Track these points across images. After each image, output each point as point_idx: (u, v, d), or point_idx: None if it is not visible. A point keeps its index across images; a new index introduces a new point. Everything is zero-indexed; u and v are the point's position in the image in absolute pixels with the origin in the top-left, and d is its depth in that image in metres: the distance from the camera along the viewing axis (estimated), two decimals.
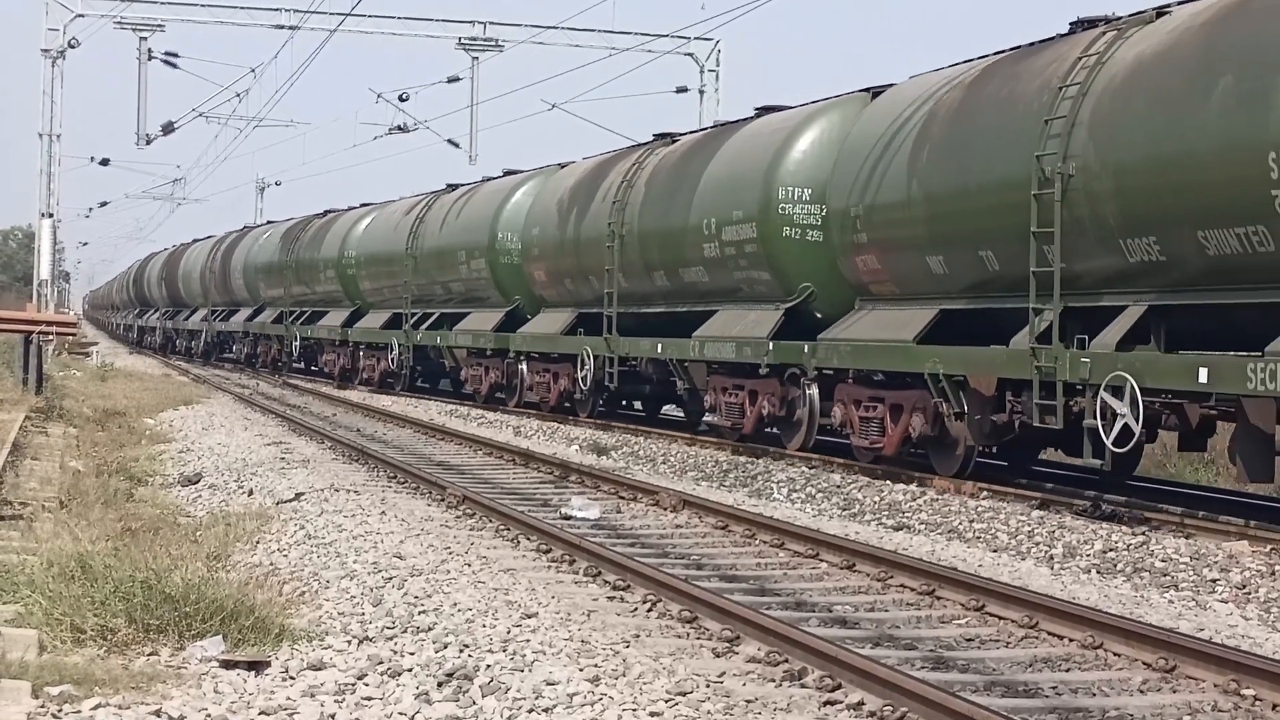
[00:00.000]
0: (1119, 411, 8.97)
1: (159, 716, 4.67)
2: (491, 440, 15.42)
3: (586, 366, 16.84)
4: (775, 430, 13.58)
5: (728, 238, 13.98)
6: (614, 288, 16.40)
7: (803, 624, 6.30)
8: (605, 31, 29.61)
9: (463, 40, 30.50)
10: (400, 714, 4.83)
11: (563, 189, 18.50)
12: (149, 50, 30.65)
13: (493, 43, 30.51)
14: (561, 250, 17.98)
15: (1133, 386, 8.86)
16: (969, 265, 10.76)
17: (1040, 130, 9.73)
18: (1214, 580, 7.67)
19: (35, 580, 6.06)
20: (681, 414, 16.75)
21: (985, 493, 10.70)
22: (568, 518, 9.69)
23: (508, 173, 21.86)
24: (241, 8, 30.13)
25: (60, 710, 4.64)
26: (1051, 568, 8.19)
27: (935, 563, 7.84)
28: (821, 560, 8.15)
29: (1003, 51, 11.31)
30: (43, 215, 32.47)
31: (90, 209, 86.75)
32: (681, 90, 30.91)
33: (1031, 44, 10.95)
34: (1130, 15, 9.92)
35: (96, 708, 4.67)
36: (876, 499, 10.81)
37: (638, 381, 16.77)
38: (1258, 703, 5.26)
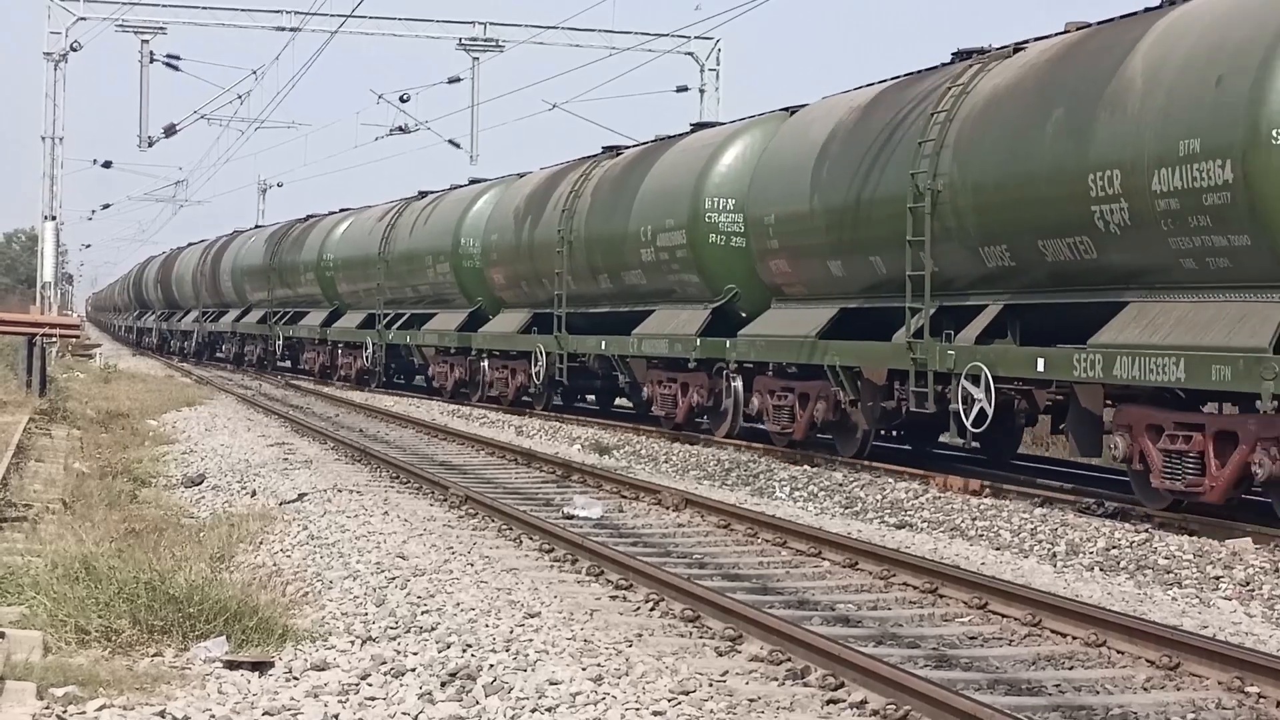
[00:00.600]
0: (976, 397, 10.44)
1: (163, 717, 4.68)
2: (494, 440, 15.43)
3: (540, 363, 18.32)
4: (705, 419, 15.19)
5: (662, 244, 15.42)
6: (563, 290, 17.94)
7: (805, 623, 6.30)
8: (605, 31, 29.64)
9: (463, 41, 30.52)
10: (404, 714, 4.84)
11: (520, 197, 19.98)
12: (151, 53, 30.69)
13: (493, 43, 30.53)
14: (518, 255, 19.49)
15: (987, 375, 10.35)
16: (862, 270, 12.29)
17: (915, 151, 11.16)
18: (1218, 577, 7.67)
19: (40, 582, 6.07)
20: (632, 406, 18.01)
21: (987, 490, 10.71)
22: (570, 517, 9.70)
23: (473, 181, 23.40)
24: (242, 10, 30.17)
25: (65, 711, 4.65)
26: (1054, 565, 8.19)
27: (938, 561, 7.84)
28: (824, 559, 8.15)
29: (897, 77, 12.74)
30: (46, 218, 32.52)
31: (93, 211, 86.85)
32: (682, 89, 30.93)
33: (918, 72, 12.42)
34: (996, 49, 11.33)
35: (101, 709, 4.68)
36: (879, 497, 10.82)
37: (587, 376, 18.21)
38: (1262, 700, 5.25)
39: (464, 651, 5.55)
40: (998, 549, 8.74)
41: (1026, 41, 11.10)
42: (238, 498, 10.74)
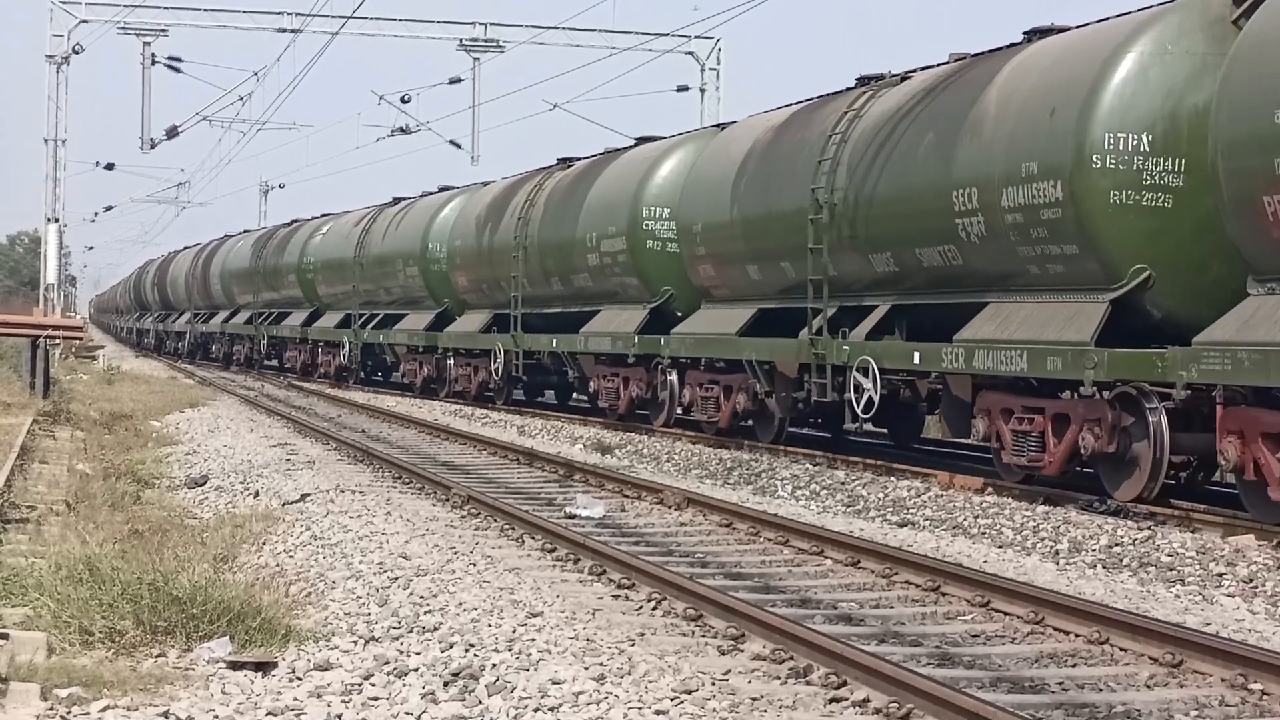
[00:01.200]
0: (865, 386, 11.90)
1: (167, 718, 4.69)
2: (496, 440, 15.44)
3: (499, 360, 20.00)
4: (645, 411, 16.56)
5: (606, 249, 16.93)
6: (519, 292, 19.66)
7: (808, 621, 6.30)
8: (606, 31, 29.62)
9: (464, 41, 30.51)
10: (407, 714, 4.84)
11: (481, 205, 21.71)
12: (152, 55, 30.70)
13: (494, 43, 30.53)
14: (479, 259, 21.18)
15: (874, 367, 11.83)
16: (775, 274, 13.76)
17: (816, 168, 12.63)
18: (1220, 574, 7.67)
19: (43, 583, 6.08)
20: (587, 400, 19.19)
21: (990, 488, 10.72)
22: (572, 516, 9.70)
23: (441, 189, 25.18)
24: (243, 11, 30.18)
25: (69, 712, 4.66)
26: (1057, 563, 8.19)
27: (940, 559, 7.84)
28: (826, 557, 8.15)
29: (809, 99, 14.35)
30: (49, 220, 32.55)
31: (96, 213, 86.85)
32: (683, 89, 30.92)
33: (824, 96, 13.97)
34: (890, 76, 12.78)
35: (105, 709, 4.69)
36: (881, 495, 10.82)
37: (543, 373, 19.79)
38: (1265, 697, 5.25)
39: (467, 651, 5.56)
40: (1000, 547, 8.74)
41: (914, 71, 12.62)
42: (241, 498, 10.76)
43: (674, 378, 15.57)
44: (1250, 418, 8.51)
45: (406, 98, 30.96)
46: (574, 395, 20.73)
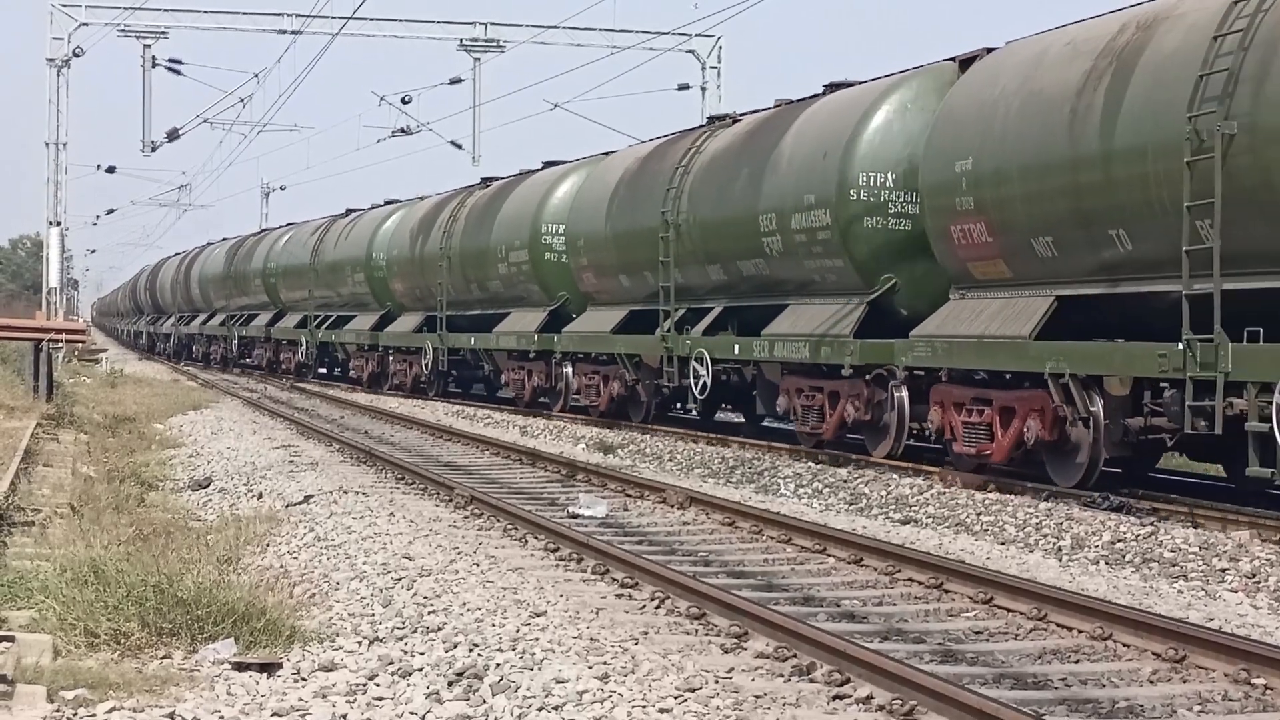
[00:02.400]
0: (700, 373, 14.67)
1: (172, 719, 4.70)
2: (498, 440, 15.46)
3: (428, 357, 22.92)
4: (546, 399, 19.18)
5: (513, 260, 19.91)
6: (445, 296, 22.49)
7: (811, 619, 6.32)
8: (606, 30, 29.62)
9: (464, 42, 30.52)
10: (411, 713, 4.86)
11: (415, 219, 24.70)
12: (153, 57, 30.72)
13: (494, 43, 30.53)
14: (413, 267, 24.19)
15: (707, 358, 14.55)
16: (640, 282, 16.51)
17: (666, 194, 15.48)
18: (1223, 570, 7.67)
19: (49, 586, 6.09)
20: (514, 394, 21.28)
21: (992, 485, 10.73)
22: (575, 516, 9.72)
23: (388, 202, 28.07)
24: (244, 13, 30.20)
25: (75, 714, 4.67)
26: (1059, 559, 8.20)
27: (943, 556, 7.85)
28: (829, 555, 8.16)
29: (669, 135, 17.16)
30: (50, 224, 32.58)
31: (97, 217, 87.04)
32: (683, 88, 30.92)
33: (680, 132, 16.93)
34: (733, 117, 15.63)
35: (111, 711, 4.71)
36: (883, 493, 10.83)
37: (468, 368, 22.71)
38: (1268, 691, 5.26)
39: (471, 651, 5.57)
40: (1003, 544, 8.75)
41: (745, 114, 15.50)
42: (244, 500, 10.77)
43: (569, 369, 18.36)
44: (946, 391, 11.17)
45: (407, 98, 30.99)
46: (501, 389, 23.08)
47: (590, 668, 5.25)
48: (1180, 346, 8.67)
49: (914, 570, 7.41)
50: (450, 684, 5.13)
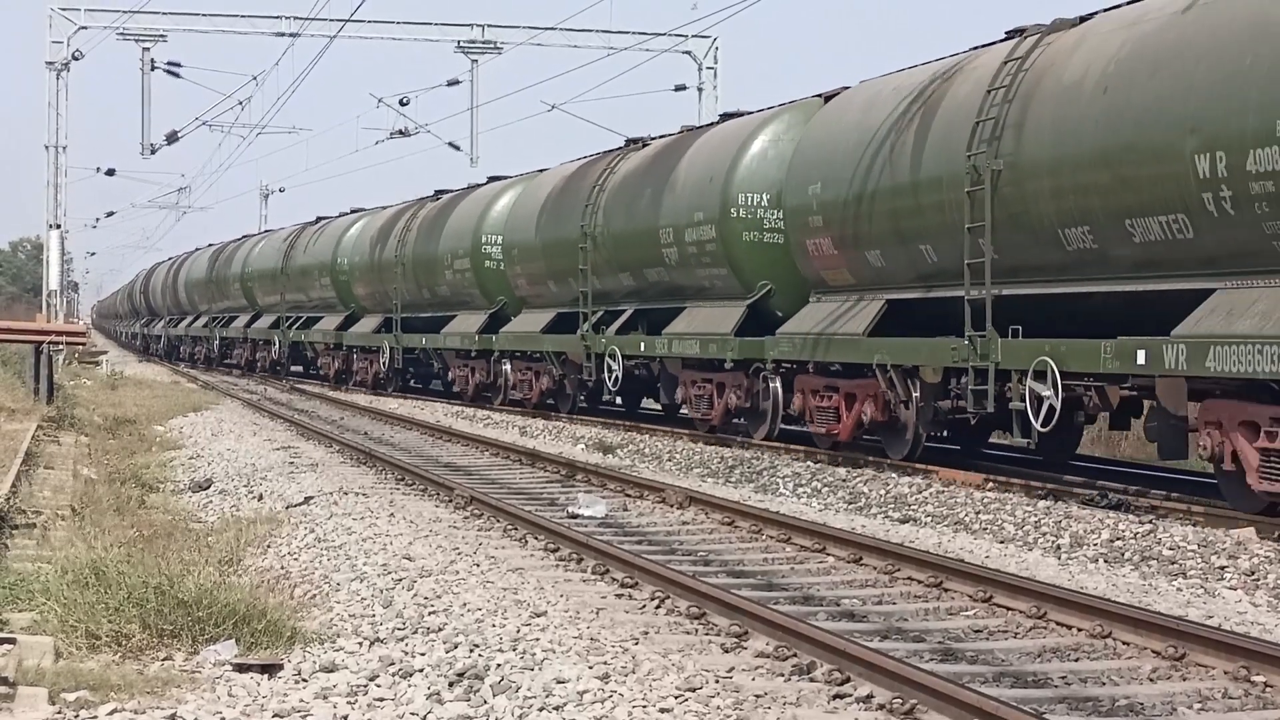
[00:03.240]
0: (614, 368, 16.80)
1: None
2: (498, 441, 15.47)
3: (385, 355, 25.40)
4: (488, 394, 21.60)
5: (457, 268, 22.48)
6: (399, 299, 25.02)
7: (811, 618, 6.33)
8: (603, 31, 29.62)
9: (462, 43, 30.52)
10: (412, 714, 4.86)
11: (375, 228, 27.36)
12: (152, 60, 30.71)
13: (491, 45, 30.53)
14: (372, 272, 26.83)
15: (620, 354, 16.68)
16: (565, 287, 18.65)
17: (585, 209, 17.66)
18: (1222, 567, 7.68)
19: (50, 588, 6.10)
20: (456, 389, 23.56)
21: (991, 484, 10.74)
22: (575, 516, 9.73)
23: (353, 210, 30.65)
24: (242, 16, 30.20)
25: (77, 716, 4.68)
26: (1059, 558, 8.21)
27: (942, 555, 7.86)
28: (828, 554, 8.17)
29: (589, 156, 19.45)
30: (50, 226, 32.59)
31: (97, 219, 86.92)
32: (680, 89, 30.92)
33: (600, 153, 19.03)
34: (641, 141, 17.94)
35: (112, 713, 4.72)
36: (882, 492, 10.84)
37: (422, 365, 25.14)
38: (1268, 689, 5.26)
39: (471, 651, 5.58)
40: (1002, 542, 8.75)
41: (654, 138, 17.79)
42: (245, 502, 10.78)
43: (507, 366, 20.78)
44: (806, 380, 13.33)
45: (405, 100, 30.98)
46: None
47: (591, 668, 5.26)
48: (965, 341, 10.68)
49: (913, 569, 7.41)
50: (451, 684, 5.14)
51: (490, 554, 8.06)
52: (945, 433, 12.78)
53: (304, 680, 5.27)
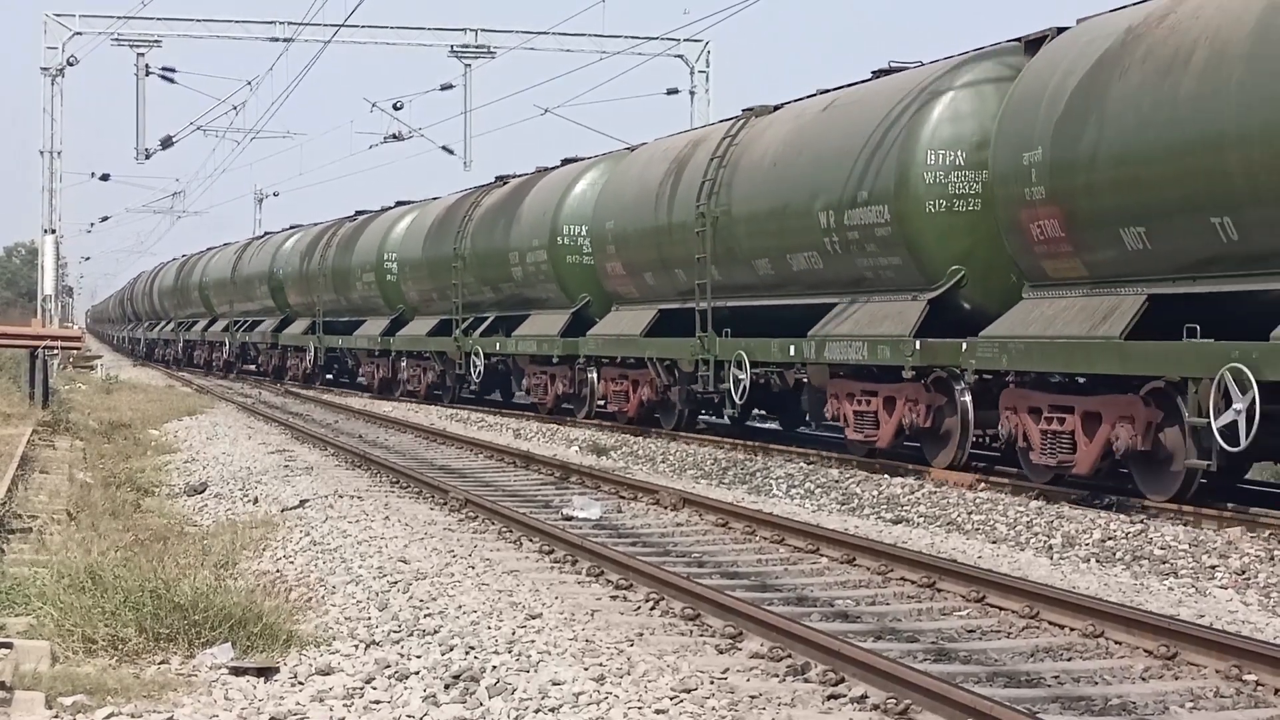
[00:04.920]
0: (478, 365, 20.88)
1: None
2: (492, 443, 15.48)
3: (310, 354, 29.69)
4: (391, 387, 25.76)
5: (365, 280, 26.94)
6: (322, 305, 29.32)
7: (805, 619, 6.35)
8: (596, 35, 29.65)
9: (455, 48, 30.53)
10: (408, 716, 4.88)
11: (305, 242, 31.71)
12: (146, 66, 30.70)
13: (485, 49, 30.54)
14: (302, 281, 31.12)
15: (482, 352, 20.77)
16: (444, 299, 22.75)
17: (456, 234, 22.08)
18: (1213, 567, 7.71)
19: (46, 592, 6.11)
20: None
21: (983, 484, 10.78)
22: (569, 518, 9.74)
23: (291, 226, 35.26)
24: (237, 21, 30.19)
25: (74, 719, 4.69)
26: (1051, 558, 8.24)
27: (935, 555, 7.88)
28: (822, 555, 8.20)
29: (469, 189, 23.68)
30: (45, 231, 32.56)
31: (92, 224, 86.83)
32: (673, 92, 30.97)
33: (475, 188, 23.25)
34: (507, 177, 21.92)
35: (109, 717, 4.73)
36: (875, 493, 10.87)
37: (341, 361, 29.73)
38: (1259, 688, 5.29)
39: (467, 654, 5.59)
40: (994, 542, 8.78)
41: (510, 176, 21.71)
42: (240, 505, 10.78)
43: (404, 363, 24.94)
44: (607, 372, 17.61)
45: (399, 104, 30.99)
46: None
47: (586, 669, 5.28)
48: (698, 341, 14.82)
49: (906, 569, 7.44)
50: (447, 687, 5.16)
51: (485, 556, 8.08)
52: (704, 410, 16.32)
53: (300, 683, 5.29)
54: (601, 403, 17.78)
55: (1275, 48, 8.26)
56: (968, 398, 11.19)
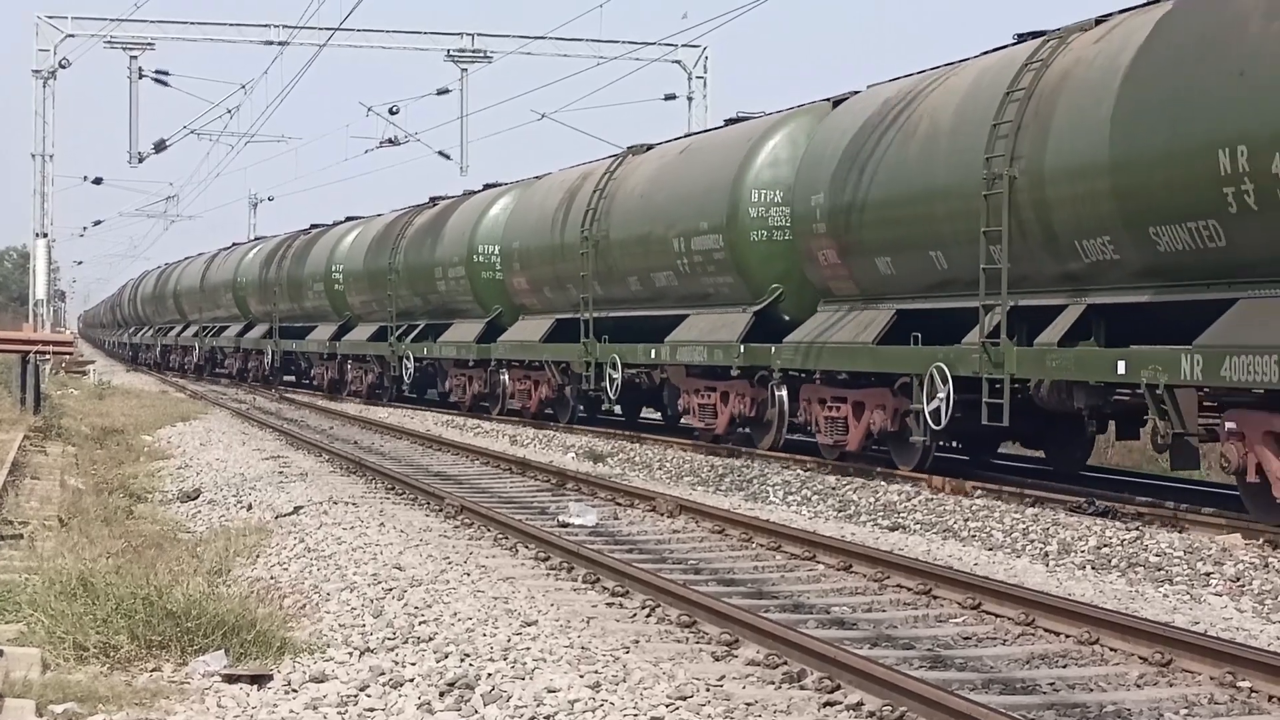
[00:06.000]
0: (409, 367, 23.55)
1: None
2: (488, 449, 15.46)
3: (268, 356, 33.07)
4: (339, 387, 28.32)
5: (315, 289, 30.02)
6: (278, 311, 32.31)
7: (801, 626, 6.34)
8: (593, 41, 29.66)
9: (451, 52, 30.53)
10: None
11: (264, 253, 35.09)
12: (139, 69, 30.65)
13: (481, 54, 30.54)
14: (262, 289, 34.17)
15: (410, 355, 23.41)
16: (381, 306, 25.66)
17: (390, 250, 25.04)
18: (1208, 574, 7.72)
19: (37, 599, 6.08)
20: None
21: (979, 491, 10.78)
22: (565, 525, 9.73)
23: (256, 239, 39.18)
24: (231, 24, 30.18)
25: None
26: (1046, 565, 8.24)
27: (931, 562, 7.88)
28: (818, 562, 8.19)
29: (405, 208, 26.77)
30: (37, 235, 32.49)
31: (84, 228, 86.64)
32: (670, 98, 30.98)
33: (409, 208, 26.25)
34: (441, 199, 24.68)
35: None
36: (872, 500, 10.87)
37: (295, 363, 33.04)
38: (1254, 694, 5.29)
39: (462, 661, 5.58)
40: (990, 549, 8.78)
41: (441, 198, 24.75)
42: (234, 512, 10.75)
43: (349, 365, 27.54)
44: (512, 372, 19.73)
45: (395, 109, 30.97)
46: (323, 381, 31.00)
47: (582, 676, 5.27)
48: (582, 346, 17.33)
49: (902, 576, 7.44)
50: (442, 694, 5.14)
51: (481, 563, 8.06)
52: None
53: (294, 691, 5.27)
54: (512, 400, 20.40)
55: (968, 126, 10.94)
56: (782, 391, 13.69)
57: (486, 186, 23.05)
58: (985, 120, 10.54)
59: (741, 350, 13.98)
